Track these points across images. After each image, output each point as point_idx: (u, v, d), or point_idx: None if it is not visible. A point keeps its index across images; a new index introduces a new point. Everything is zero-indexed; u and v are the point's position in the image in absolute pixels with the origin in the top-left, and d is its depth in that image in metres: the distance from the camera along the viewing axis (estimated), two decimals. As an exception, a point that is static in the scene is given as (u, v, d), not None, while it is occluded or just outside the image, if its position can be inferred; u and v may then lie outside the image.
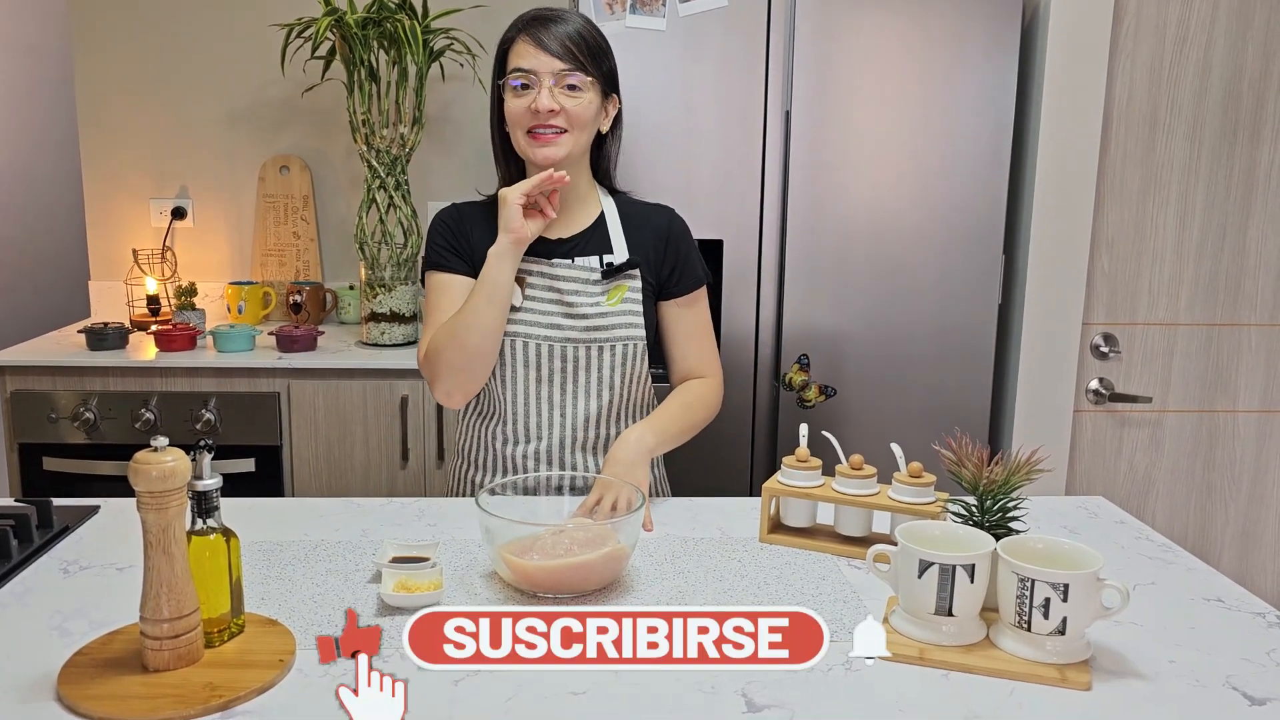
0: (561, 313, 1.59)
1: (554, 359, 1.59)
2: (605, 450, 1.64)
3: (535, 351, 1.58)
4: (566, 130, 1.53)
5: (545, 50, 1.52)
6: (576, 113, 1.53)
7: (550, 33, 1.53)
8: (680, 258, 1.65)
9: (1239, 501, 2.51)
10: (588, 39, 1.56)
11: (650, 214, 1.68)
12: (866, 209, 2.28)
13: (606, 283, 1.60)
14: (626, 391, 1.64)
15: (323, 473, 2.49)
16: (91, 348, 2.49)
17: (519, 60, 1.54)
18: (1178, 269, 2.42)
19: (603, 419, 1.63)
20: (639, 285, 1.62)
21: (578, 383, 1.60)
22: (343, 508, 1.55)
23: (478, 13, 2.80)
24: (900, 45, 2.23)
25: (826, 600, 1.23)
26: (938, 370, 2.33)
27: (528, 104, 1.52)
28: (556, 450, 1.63)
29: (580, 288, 1.59)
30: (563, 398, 1.61)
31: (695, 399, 1.64)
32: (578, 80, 1.53)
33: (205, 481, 1.06)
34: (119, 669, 1.02)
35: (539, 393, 1.60)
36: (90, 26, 2.92)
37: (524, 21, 1.57)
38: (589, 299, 1.59)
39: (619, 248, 1.63)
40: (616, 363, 1.61)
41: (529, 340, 1.58)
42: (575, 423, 1.62)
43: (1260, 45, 2.33)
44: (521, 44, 1.54)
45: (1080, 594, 1.03)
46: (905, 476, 1.35)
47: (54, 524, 1.42)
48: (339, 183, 3.02)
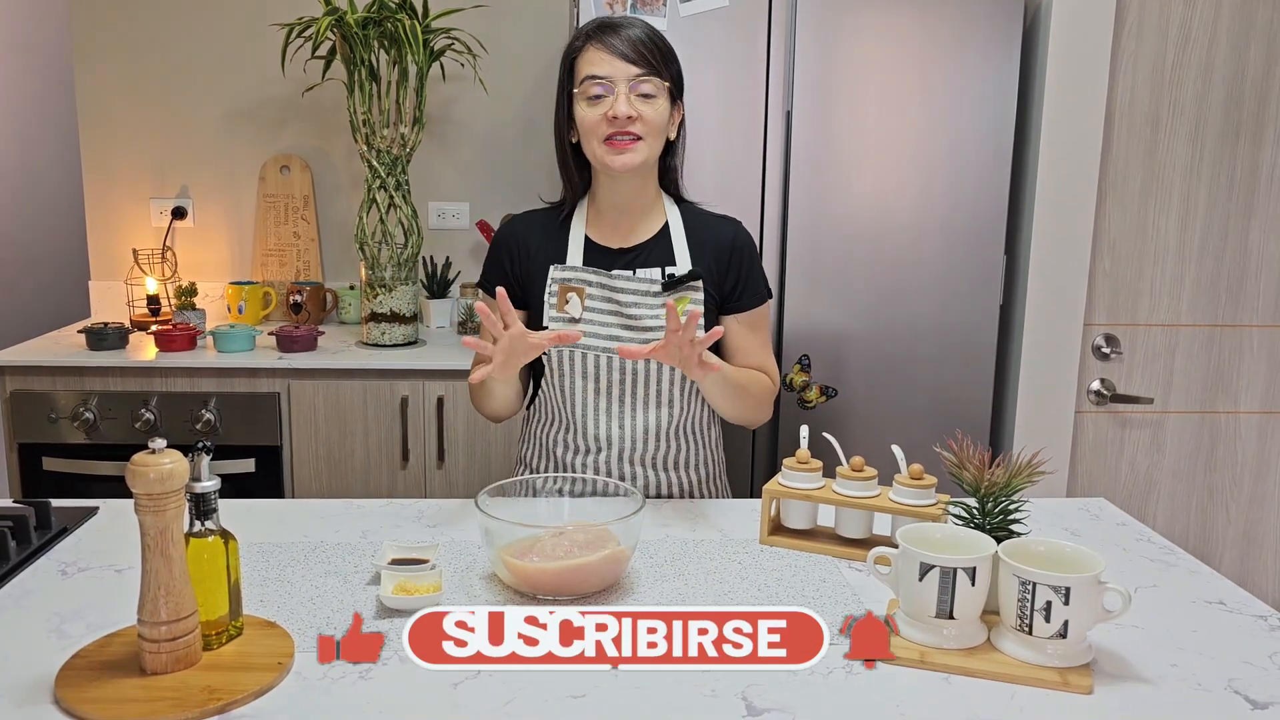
0: (620, 324, 1.57)
1: (613, 371, 1.57)
2: (667, 467, 1.64)
3: (594, 363, 1.57)
4: (642, 138, 1.52)
5: (619, 56, 1.50)
6: (651, 119, 1.52)
7: (622, 38, 1.51)
8: (744, 272, 1.62)
9: (1240, 503, 2.51)
10: (659, 43, 1.54)
11: (716, 225, 1.65)
12: (868, 209, 2.28)
13: (668, 294, 1.57)
14: (687, 406, 1.62)
15: (323, 473, 2.49)
16: (91, 348, 2.48)
17: (592, 67, 1.51)
18: (1179, 270, 2.41)
19: (663, 434, 1.61)
20: (701, 297, 1.58)
21: (637, 395, 1.59)
22: (342, 509, 1.55)
23: (478, 12, 2.79)
24: (901, 45, 2.22)
25: (827, 602, 1.22)
26: (939, 371, 2.32)
27: (604, 111, 1.50)
28: (616, 462, 1.62)
29: (640, 299, 1.57)
30: (621, 410, 1.59)
31: (753, 378, 1.61)
32: (652, 87, 1.51)
33: (203, 483, 1.06)
34: (117, 672, 1.01)
35: (598, 404, 1.60)
36: (91, 26, 2.92)
37: (592, 28, 1.55)
38: (649, 310, 1.56)
39: (682, 259, 1.60)
40: (676, 376, 1.58)
41: (588, 352, 1.57)
42: (635, 435, 1.60)
43: (1263, 46, 2.33)
44: (593, 51, 1.52)
45: (1082, 597, 1.03)
46: (906, 478, 1.34)
47: (52, 525, 1.41)
48: (339, 182, 3.02)
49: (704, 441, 1.68)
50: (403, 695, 1.00)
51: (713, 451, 1.71)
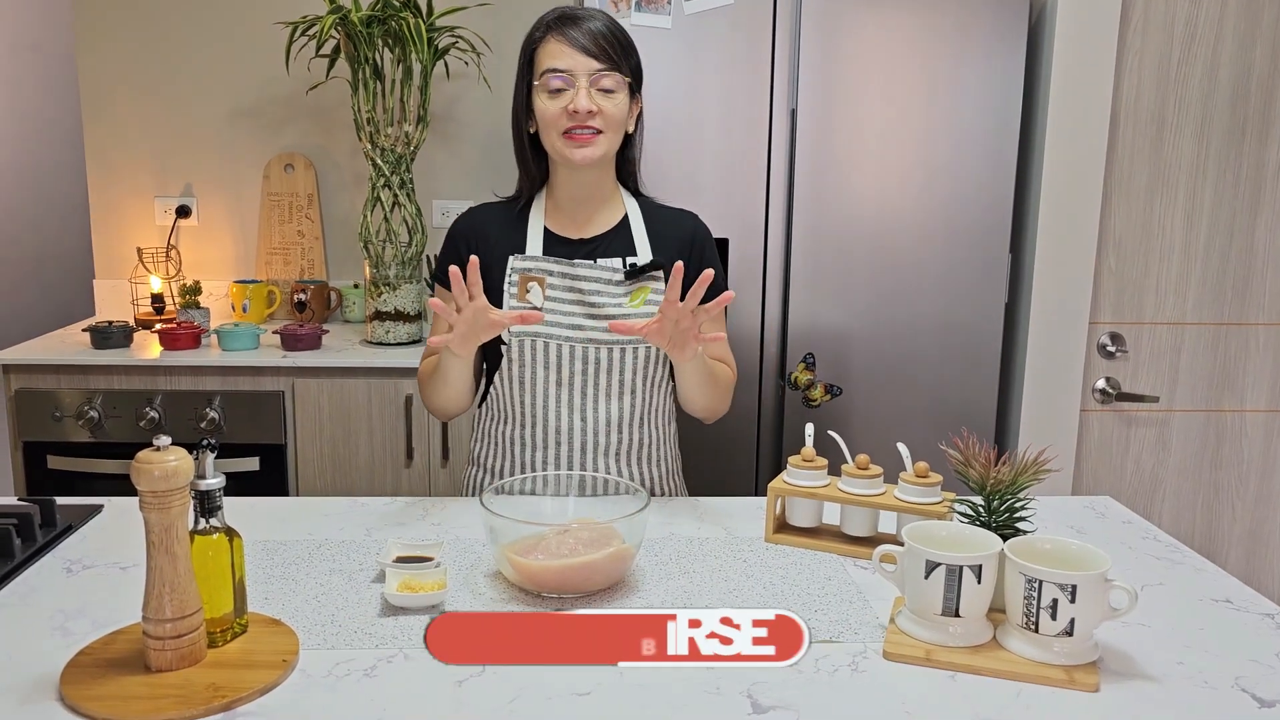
0: (583, 313, 1.56)
1: (575, 360, 1.56)
2: (630, 460, 1.63)
3: (556, 352, 1.56)
4: (601, 131, 1.52)
5: (580, 49, 1.50)
6: (612, 113, 1.52)
7: (583, 30, 1.51)
8: (705, 264, 1.61)
9: (1246, 501, 2.50)
10: (620, 36, 1.54)
11: (675, 219, 1.66)
12: (872, 208, 2.27)
13: (630, 284, 1.57)
14: (649, 395, 1.62)
15: (327, 472, 2.49)
16: (96, 346, 2.49)
17: (553, 60, 1.51)
18: (1185, 268, 2.41)
19: (625, 423, 1.61)
20: (662, 288, 1.58)
21: (599, 385, 1.58)
22: (347, 507, 1.55)
23: (482, 10, 2.79)
24: (906, 43, 2.22)
25: (832, 600, 1.22)
26: (944, 369, 2.32)
27: (564, 105, 1.50)
28: (579, 455, 1.60)
29: (602, 288, 1.57)
30: (584, 401, 1.58)
31: (720, 366, 1.62)
32: (612, 81, 1.51)
33: (208, 481, 1.06)
34: (121, 669, 1.01)
35: (559, 395, 1.58)
36: (94, 24, 2.92)
37: (551, 20, 1.54)
38: (611, 299, 1.56)
39: (642, 250, 1.60)
40: (639, 365, 1.59)
41: (550, 340, 1.56)
42: (597, 426, 1.59)
43: (1269, 44, 2.32)
44: (554, 43, 1.52)
45: (1088, 595, 1.03)
46: (911, 476, 1.34)
47: (57, 523, 1.42)
48: (344, 181, 3.02)
49: (664, 436, 1.68)
50: (407, 693, 1.00)
51: (671, 446, 1.72)
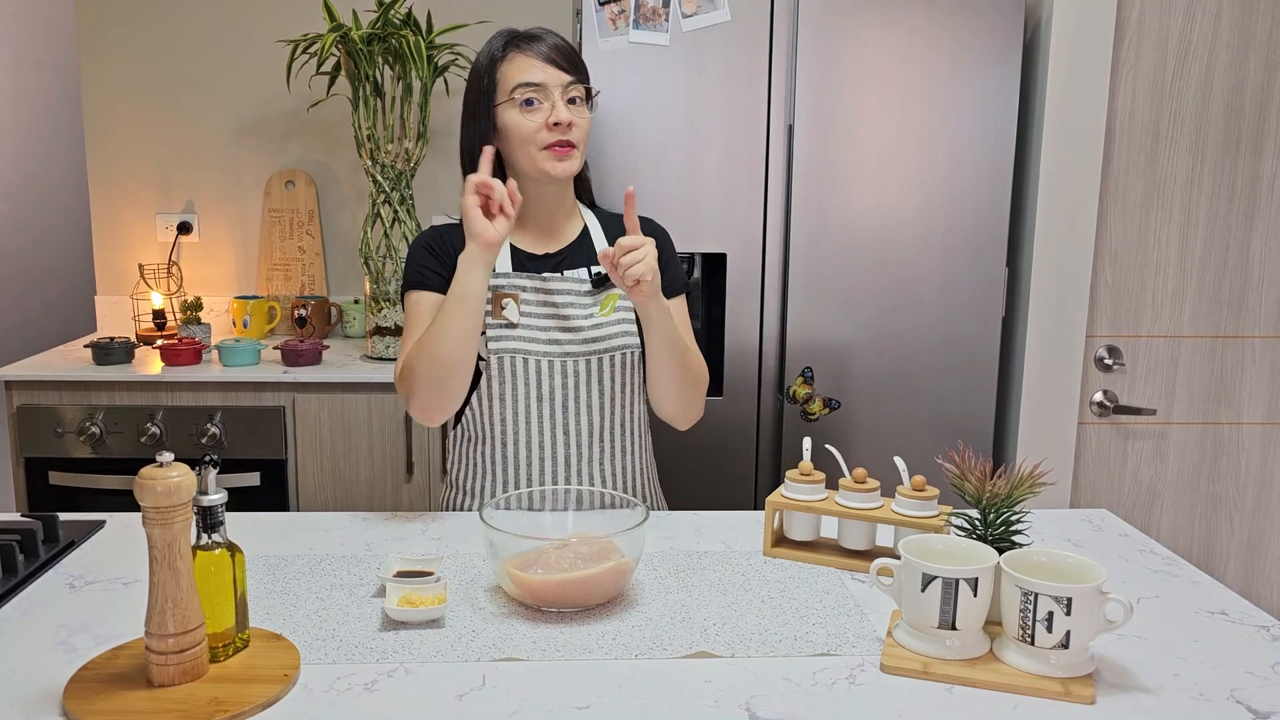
0: (559, 327, 1.58)
1: (554, 375, 1.58)
2: (607, 465, 1.64)
3: (535, 368, 1.57)
4: (576, 145, 1.54)
5: (550, 63, 1.52)
6: (583, 125, 1.55)
7: (548, 45, 1.54)
8: (663, 261, 1.62)
9: (1244, 514, 2.51)
10: (576, 52, 1.58)
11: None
12: (870, 222, 2.29)
13: (597, 293, 1.60)
14: (626, 402, 1.63)
15: (327, 487, 2.49)
16: (97, 362, 2.49)
17: (524, 74, 1.53)
18: (1181, 281, 2.42)
19: (605, 433, 1.62)
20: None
21: (579, 399, 1.59)
22: (347, 522, 1.56)
23: (482, 28, 2.81)
24: (903, 59, 2.24)
25: (830, 613, 1.23)
26: (941, 383, 2.33)
27: (544, 119, 1.52)
28: (562, 468, 1.61)
29: (574, 299, 1.59)
30: (565, 415, 1.60)
31: (689, 346, 1.59)
32: (580, 93, 1.55)
33: (210, 496, 1.06)
34: (124, 684, 1.02)
35: (540, 411, 1.59)
36: (97, 41, 2.94)
37: (510, 38, 1.56)
38: (582, 310, 1.59)
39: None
40: (617, 373, 1.60)
41: (529, 357, 1.57)
42: (580, 439, 1.61)
43: (1262, 58, 2.34)
44: (522, 58, 1.54)
45: (1084, 607, 1.03)
46: (908, 490, 1.35)
47: (60, 539, 1.42)
48: (344, 197, 3.03)
49: (644, 445, 1.69)
50: (407, 707, 1.01)
51: (649, 454, 1.73)
